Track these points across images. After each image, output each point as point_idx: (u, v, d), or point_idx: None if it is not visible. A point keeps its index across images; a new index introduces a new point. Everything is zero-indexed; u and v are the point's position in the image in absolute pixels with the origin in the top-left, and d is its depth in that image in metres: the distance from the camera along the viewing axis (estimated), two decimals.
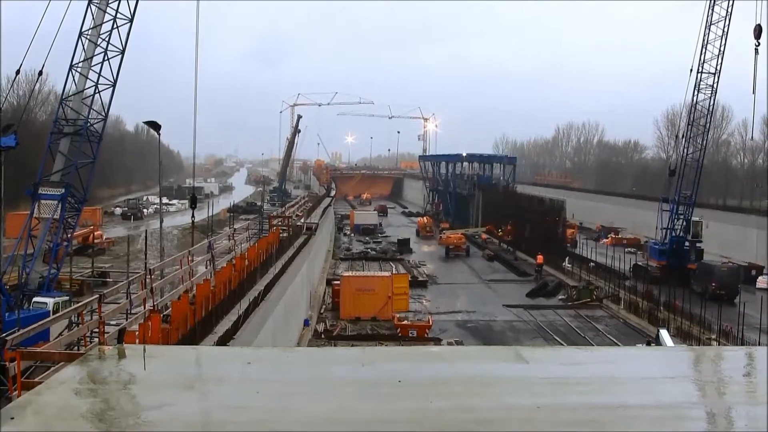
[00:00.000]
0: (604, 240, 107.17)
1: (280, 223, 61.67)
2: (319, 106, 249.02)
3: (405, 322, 56.37)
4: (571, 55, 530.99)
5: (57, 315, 26.59)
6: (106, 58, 41.78)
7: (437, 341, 51.50)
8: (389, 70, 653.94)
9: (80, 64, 41.87)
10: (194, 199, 48.32)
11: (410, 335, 53.71)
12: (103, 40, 41.76)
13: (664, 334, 42.12)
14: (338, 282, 63.35)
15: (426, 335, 53.89)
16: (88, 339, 24.56)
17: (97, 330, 23.04)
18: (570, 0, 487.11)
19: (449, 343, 48.93)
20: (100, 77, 41.79)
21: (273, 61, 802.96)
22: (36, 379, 15.66)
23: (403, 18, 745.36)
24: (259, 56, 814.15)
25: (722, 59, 70.81)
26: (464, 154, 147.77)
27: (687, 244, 76.08)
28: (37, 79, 49.57)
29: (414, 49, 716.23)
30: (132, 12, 41.89)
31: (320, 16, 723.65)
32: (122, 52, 41.96)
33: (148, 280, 28.79)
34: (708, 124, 74.52)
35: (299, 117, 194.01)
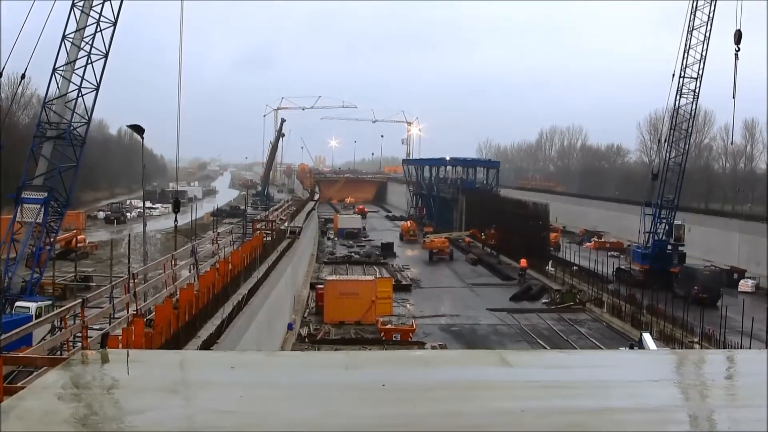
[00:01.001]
0: (588, 244, 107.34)
1: (263, 227, 61.59)
2: (303, 109, 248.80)
3: (389, 326, 56.37)
4: (556, 61, 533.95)
5: (40, 319, 26.48)
6: (89, 61, 41.64)
7: (421, 345, 51.47)
8: (374, 75, 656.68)
9: (63, 68, 41.72)
10: (177, 202, 48.18)
11: (394, 339, 53.70)
12: (87, 43, 41.61)
13: (647, 337, 42.28)
14: (322, 286, 63.23)
15: (410, 339, 53.87)
16: (71, 344, 24.46)
17: (80, 334, 22.92)
18: (556, 2, 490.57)
19: (433, 347, 48.98)
20: (84, 81, 41.63)
21: (260, 66, 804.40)
22: (18, 384, 15.56)
23: (387, 25, 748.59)
24: (248, 61, 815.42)
25: (704, 64, 71.28)
26: (448, 158, 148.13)
27: (669, 247, 76.29)
28: (20, 82, 49.49)
29: (397, 55, 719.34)
30: (116, 15, 41.76)
31: (309, 23, 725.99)
32: (105, 56, 41.83)
33: (131, 284, 28.71)
34: (690, 129, 74.84)
35: (282, 120, 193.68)
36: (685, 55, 71.37)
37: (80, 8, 41.43)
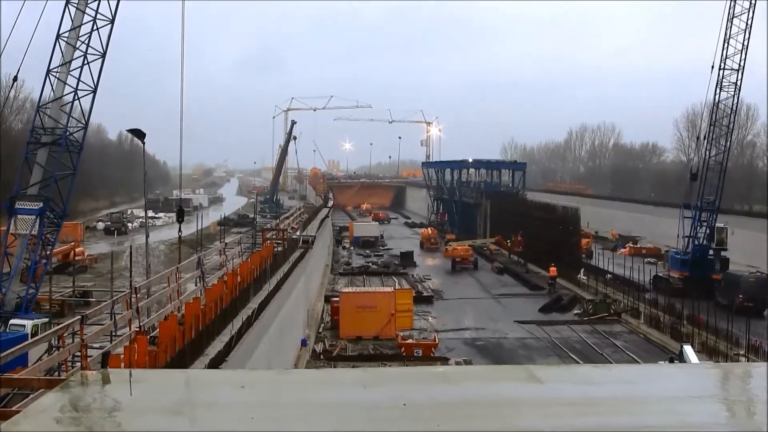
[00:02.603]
0: (622, 250, 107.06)
1: (274, 237, 61.65)
2: (314, 110, 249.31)
3: (409, 340, 56.31)
4: (585, 58, 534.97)
5: (36, 338, 26.56)
6: (85, 62, 41.74)
7: (444, 361, 51.43)
8: (390, 75, 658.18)
9: (58, 69, 41.83)
10: (181, 211, 48.26)
11: (415, 355, 53.64)
12: (83, 42, 41.72)
13: (687, 350, 42.09)
14: (337, 299, 63.29)
15: (432, 355, 53.82)
16: (69, 363, 24.52)
17: (79, 354, 22.99)
18: (582, 2, 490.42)
19: (457, 363, 48.88)
20: (80, 82, 41.74)
21: (270, 68, 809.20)
22: (14, 408, 15.62)
23: (402, 22, 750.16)
24: (257, 63, 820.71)
25: (746, 54, 70.75)
26: (470, 160, 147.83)
27: (711, 253, 75.73)
28: (12, 84, 49.66)
29: (415, 55, 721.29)
30: (113, 13, 41.87)
31: (321, 21, 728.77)
32: (103, 56, 41.94)
33: (133, 299, 28.77)
34: (731, 125, 74.24)
35: (293, 123, 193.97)
36: (725, 44, 70.90)
37: (75, 5, 41.54)
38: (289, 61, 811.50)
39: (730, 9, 70.18)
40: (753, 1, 69.24)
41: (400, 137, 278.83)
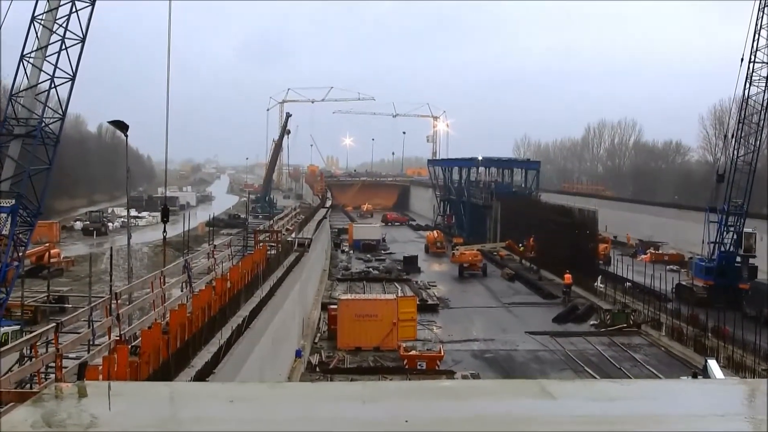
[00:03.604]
0: (642, 256, 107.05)
1: (267, 239, 61.65)
2: (312, 102, 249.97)
3: (413, 352, 56.30)
4: (604, 51, 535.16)
5: (6, 347, 26.56)
6: (63, 46, 41.69)
7: (450, 375, 51.46)
8: (396, 68, 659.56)
9: (33, 54, 41.76)
10: (166, 210, 48.27)
11: (419, 368, 53.65)
12: (60, 26, 41.69)
13: (712, 364, 42.04)
14: (335, 306, 63.27)
15: (437, 368, 53.85)
16: (42, 375, 24.51)
17: (53, 365, 22.98)
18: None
19: (464, 377, 48.91)
20: (57, 69, 41.71)
21: (272, 57, 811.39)
22: None
23: (413, 15, 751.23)
24: (258, 52, 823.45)
25: None
26: (480, 158, 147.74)
27: (738, 260, 75.73)
28: None
29: (424, 48, 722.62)
30: None
31: (328, 10, 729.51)
32: (82, 40, 41.88)
33: (113, 305, 28.74)
34: (762, 122, 74.09)
35: (288, 115, 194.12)
36: (756, 35, 70.81)
37: None
38: (293, 50, 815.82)
39: None
40: None
41: (404, 132, 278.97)
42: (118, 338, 26.47)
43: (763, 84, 71.49)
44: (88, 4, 41.87)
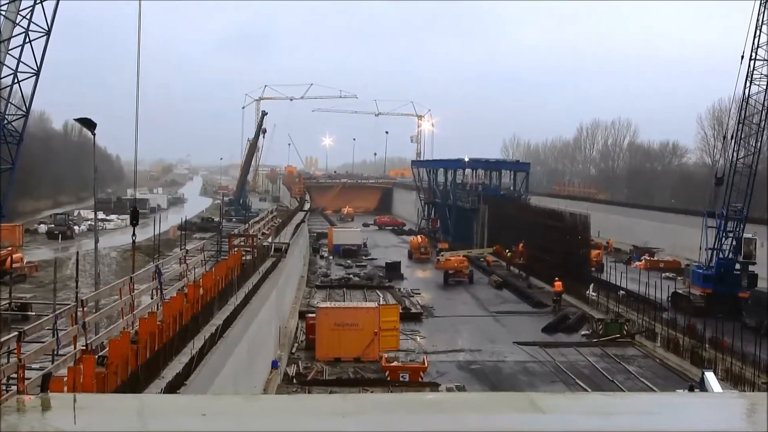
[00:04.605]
0: (637, 263, 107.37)
1: (242, 244, 61.59)
2: (291, 100, 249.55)
3: (395, 363, 56.27)
4: (597, 49, 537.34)
5: None
6: (27, 39, 41.64)
7: (435, 387, 51.49)
8: (378, 64, 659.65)
9: None
10: (136, 213, 48.17)
11: (401, 380, 53.63)
12: (24, 17, 41.62)
13: (710, 377, 42.19)
14: (314, 315, 63.21)
15: (421, 380, 53.84)
16: (3, 387, 24.43)
17: (15, 376, 22.90)
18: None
19: (448, 389, 48.94)
20: (20, 63, 41.64)
21: (247, 54, 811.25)
22: None
23: (399, 10, 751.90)
24: (233, 48, 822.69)
25: None
26: (466, 159, 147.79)
27: (737, 267, 75.88)
28: None
29: (406, 41, 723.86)
30: None
31: (312, 6, 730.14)
32: (48, 33, 41.82)
33: (79, 313, 28.66)
34: (763, 122, 74.21)
35: (264, 113, 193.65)
36: (758, 31, 70.99)
37: None
38: (273, 46, 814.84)
39: None
40: None
41: (387, 132, 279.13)
42: (84, 348, 26.39)
43: (764, 83, 71.67)
44: None
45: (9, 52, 41.64)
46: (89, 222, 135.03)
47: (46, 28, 41.72)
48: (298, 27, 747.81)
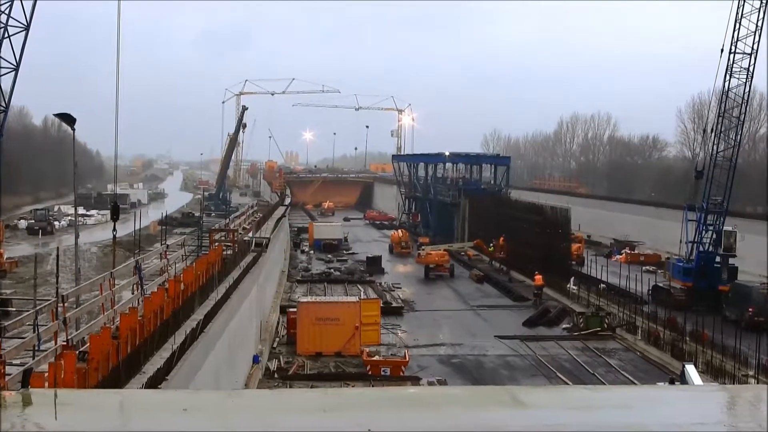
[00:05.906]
0: (618, 257, 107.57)
1: (223, 239, 61.47)
2: (272, 95, 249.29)
3: (376, 357, 56.33)
4: (576, 43, 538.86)
5: None
6: (6, 35, 41.49)
7: (416, 381, 51.46)
8: (359, 59, 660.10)
9: None
10: (116, 208, 48.02)
11: (383, 374, 53.69)
12: (2, 12, 41.45)
13: (690, 370, 42.36)
14: (294, 310, 63.16)
15: (402, 374, 53.87)
16: None
17: None
18: None
19: (430, 384, 48.95)
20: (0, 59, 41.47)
21: (228, 49, 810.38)
22: None
23: (381, 5, 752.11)
24: (215, 42, 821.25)
25: (760, 36, 70.79)
26: (447, 154, 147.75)
27: (718, 260, 76.02)
28: None
29: (387, 35, 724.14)
30: None
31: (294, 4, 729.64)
32: (26, 28, 41.69)
33: (60, 309, 28.57)
34: (743, 116, 74.32)
35: (244, 108, 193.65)
36: (737, 24, 71.06)
37: None
38: (254, 38, 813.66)
39: None
40: None
41: (368, 127, 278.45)
42: (65, 343, 26.31)
43: (744, 76, 71.77)
44: None
45: None
46: (69, 217, 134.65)
47: (25, 24, 41.56)
48: (282, 24, 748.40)
